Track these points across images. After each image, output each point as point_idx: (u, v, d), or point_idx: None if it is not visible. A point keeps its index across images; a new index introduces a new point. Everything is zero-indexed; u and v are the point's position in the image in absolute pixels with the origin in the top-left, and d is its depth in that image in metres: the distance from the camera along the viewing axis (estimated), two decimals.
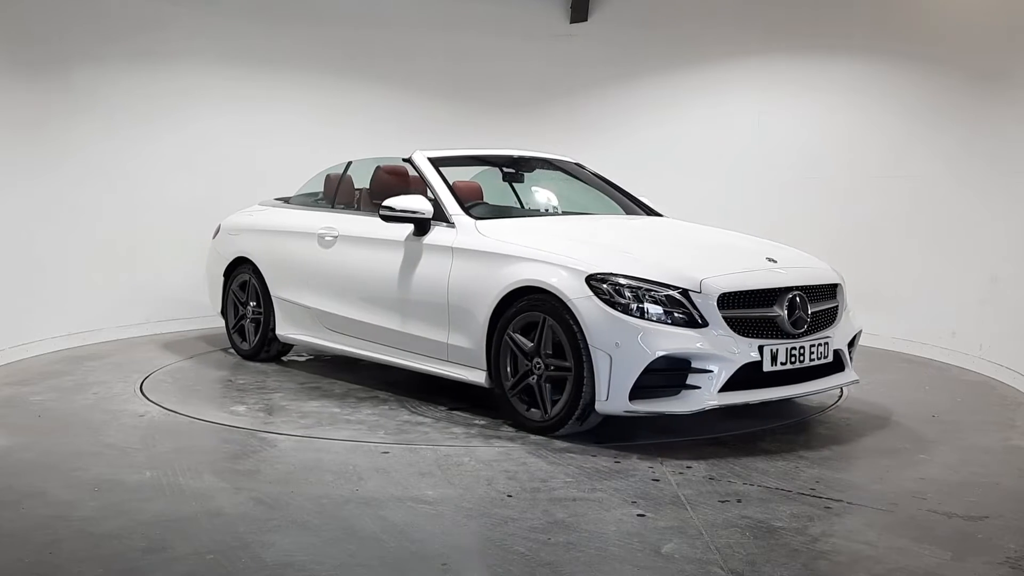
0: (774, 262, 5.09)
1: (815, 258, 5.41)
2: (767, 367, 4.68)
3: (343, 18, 8.84)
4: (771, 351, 4.69)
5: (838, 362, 5.08)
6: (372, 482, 4.18)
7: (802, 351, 4.82)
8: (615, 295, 4.63)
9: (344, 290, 6.01)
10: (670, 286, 4.65)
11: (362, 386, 6.04)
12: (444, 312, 5.32)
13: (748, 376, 4.65)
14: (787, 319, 4.78)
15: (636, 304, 4.61)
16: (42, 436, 4.98)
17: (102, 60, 7.57)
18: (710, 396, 4.57)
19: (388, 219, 5.54)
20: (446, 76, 9.24)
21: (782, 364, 4.74)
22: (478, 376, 5.19)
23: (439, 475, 4.28)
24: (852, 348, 5.27)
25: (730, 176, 8.45)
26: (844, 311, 5.22)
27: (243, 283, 6.87)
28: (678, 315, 4.61)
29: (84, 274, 7.47)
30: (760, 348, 4.66)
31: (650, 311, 4.60)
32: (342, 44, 8.81)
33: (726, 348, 4.58)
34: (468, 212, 5.51)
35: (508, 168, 6.48)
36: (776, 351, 4.71)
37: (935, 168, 7.24)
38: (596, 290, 4.65)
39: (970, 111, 6.96)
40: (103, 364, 6.74)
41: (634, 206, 6.44)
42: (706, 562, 3.32)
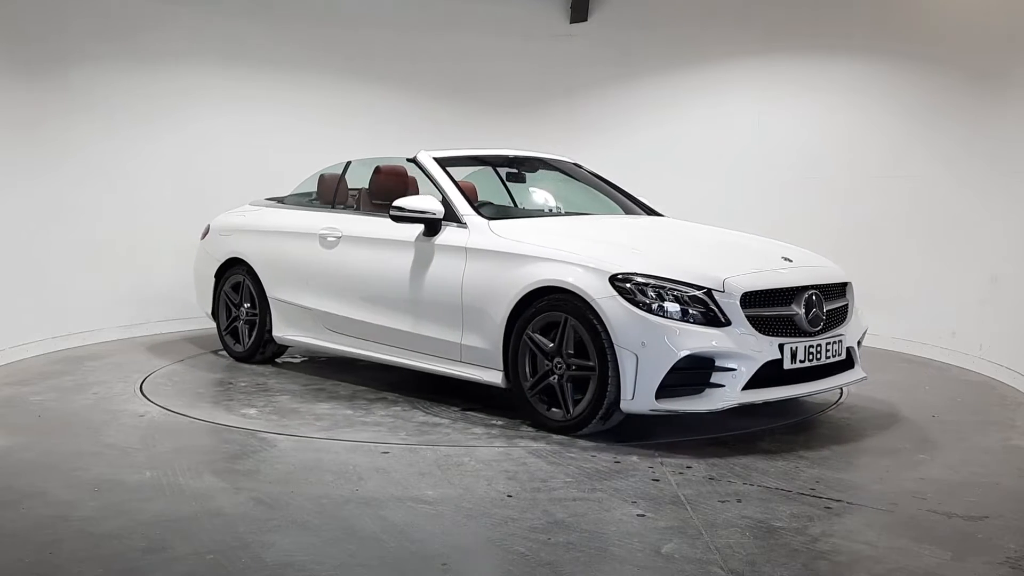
0: (790, 261, 5.16)
1: (823, 257, 5.46)
2: (787, 365, 4.74)
3: (343, 18, 8.85)
4: (791, 349, 4.75)
5: (848, 359, 5.15)
6: (372, 482, 4.18)
7: (819, 349, 4.89)
8: (639, 295, 4.65)
9: (349, 291, 5.97)
10: (694, 285, 4.68)
11: (367, 387, 6.02)
12: (458, 313, 5.30)
13: (767, 374, 4.70)
14: (805, 317, 4.84)
15: (660, 304, 4.63)
16: (42, 436, 4.98)
17: (102, 60, 7.57)
18: (734, 394, 4.61)
19: (399, 219, 5.51)
20: (446, 76, 9.24)
21: (801, 362, 4.81)
22: (494, 376, 5.18)
23: (439, 475, 4.28)
24: (859, 345, 5.33)
25: (730, 176, 8.46)
26: (853, 309, 5.28)
27: (236, 284, 6.79)
28: (702, 314, 4.64)
29: (84, 274, 7.47)
30: (780, 346, 4.72)
31: (674, 310, 4.62)
32: (342, 44, 8.82)
33: (749, 347, 4.63)
34: (479, 212, 5.51)
35: (511, 168, 6.48)
36: (795, 349, 4.77)
37: (935, 168, 7.25)
38: (620, 290, 4.67)
39: (970, 111, 6.96)
40: (103, 364, 6.74)
41: (633, 206, 6.45)
42: (706, 562, 3.32)
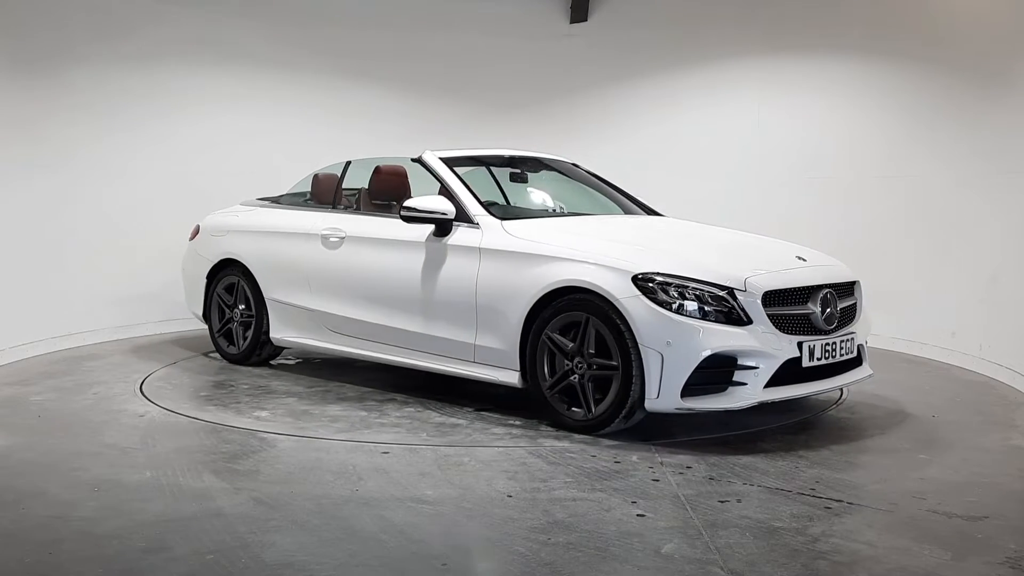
0: (804, 260, 5.21)
1: (831, 257, 5.50)
2: (806, 363, 4.79)
3: (343, 19, 8.85)
4: (809, 347, 4.80)
5: (857, 357, 5.21)
6: (372, 482, 4.17)
7: (834, 347, 4.95)
8: (662, 294, 4.67)
9: (353, 292, 5.92)
10: (716, 285, 4.71)
11: (371, 389, 5.98)
12: (471, 313, 5.28)
13: (783, 372, 4.74)
14: (821, 316, 4.90)
15: (683, 303, 4.66)
16: (42, 436, 4.98)
17: (101, 60, 7.57)
18: (756, 392, 4.65)
19: (410, 220, 5.48)
20: (446, 76, 9.24)
21: (818, 360, 4.87)
22: (510, 376, 5.18)
23: (439, 475, 4.28)
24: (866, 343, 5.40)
25: (730, 176, 8.46)
26: (861, 307, 5.34)
27: (230, 285, 6.71)
28: (724, 313, 4.67)
29: (84, 274, 7.47)
30: (799, 344, 4.76)
31: (697, 310, 4.65)
32: (342, 45, 8.82)
33: (770, 345, 4.68)
34: (491, 212, 5.50)
35: (513, 169, 6.47)
36: (813, 347, 4.83)
37: (935, 168, 7.25)
38: (643, 289, 4.69)
39: (970, 111, 6.96)
40: (103, 364, 6.74)
41: (633, 205, 6.45)
42: (706, 562, 3.32)
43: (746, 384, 4.64)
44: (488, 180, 6.51)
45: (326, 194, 6.51)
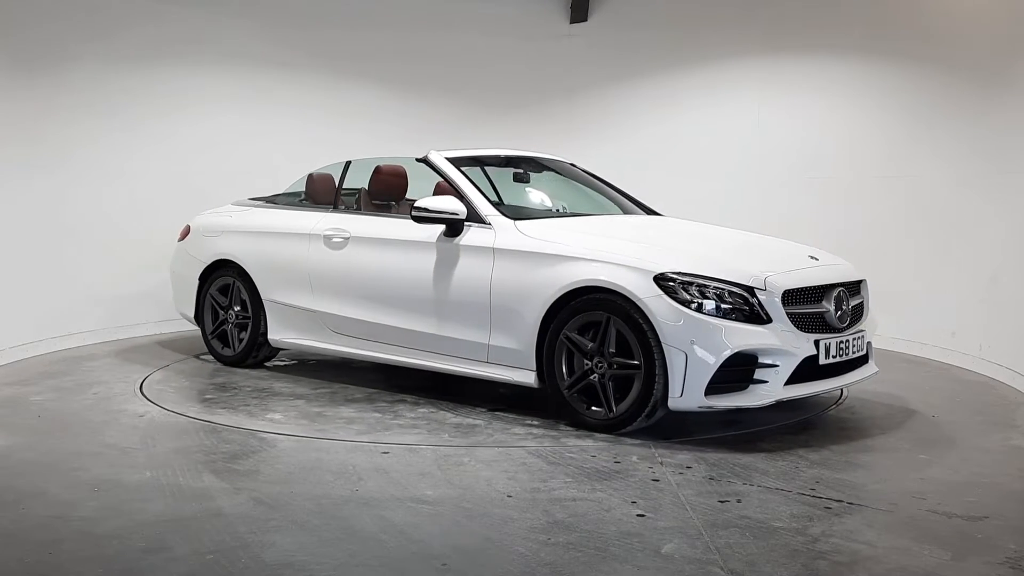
0: (816, 260, 5.26)
1: (837, 256, 5.54)
2: (822, 360, 4.85)
3: (343, 19, 8.85)
4: (825, 345, 4.86)
5: (863, 355, 5.27)
6: (372, 482, 4.17)
7: (847, 344, 5.01)
8: (683, 293, 4.70)
9: (359, 292, 5.87)
10: (737, 284, 4.75)
11: (376, 390, 5.95)
12: (485, 313, 5.27)
13: (800, 369, 4.80)
14: (834, 314, 4.96)
15: (704, 302, 4.69)
16: (42, 436, 4.98)
17: (100, 59, 7.56)
18: (777, 390, 4.71)
19: (421, 220, 5.45)
20: (446, 77, 9.24)
21: (833, 357, 4.93)
22: (526, 377, 5.17)
23: (439, 475, 4.28)
24: None
25: (730, 176, 8.46)
26: (868, 306, 5.40)
27: (224, 287, 6.62)
28: (744, 312, 4.71)
29: (84, 274, 7.47)
30: (816, 342, 4.82)
31: (718, 309, 4.69)
32: (342, 45, 8.82)
33: (790, 343, 4.73)
34: (503, 212, 5.49)
35: (516, 169, 6.46)
36: (829, 345, 4.88)
37: (935, 168, 7.25)
38: (665, 289, 4.71)
39: (970, 110, 6.96)
40: (103, 364, 6.74)
41: (631, 205, 6.44)
42: (706, 562, 3.32)
43: (767, 382, 4.70)
44: (482, 180, 6.50)
45: (321, 194, 6.46)
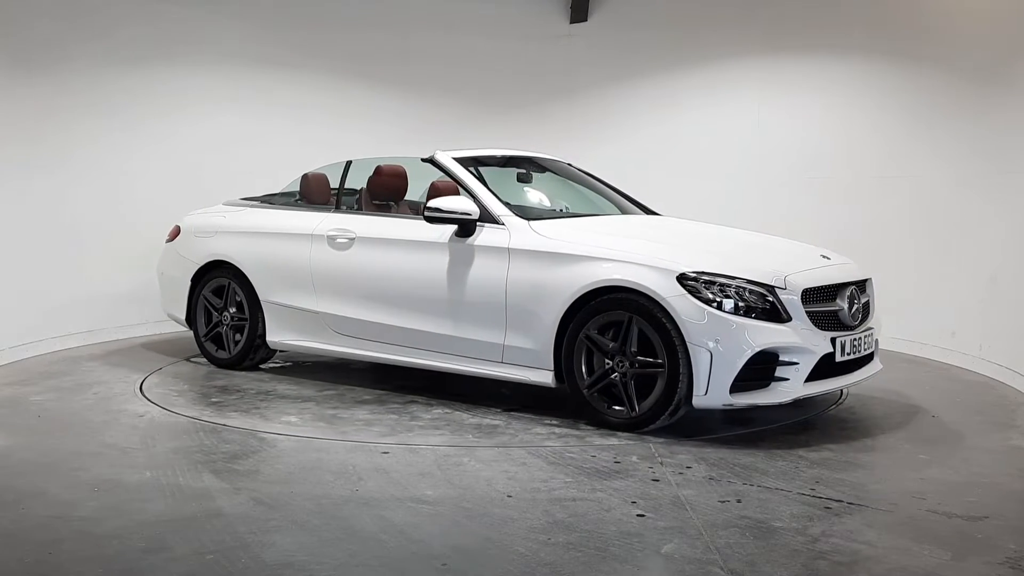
0: (828, 259, 5.31)
1: (844, 256, 5.57)
2: (838, 357, 4.90)
3: (343, 19, 8.85)
4: (840, 343, 4.91)
5: (871, 352, 5.33)
6: (372, 482, 4.17)
7: (859, 341, 5.08)
8: (706, 292, 4.73)
9: (365, 293, 5.82)
10: (759, 283, 4.79)
11: (383, 391, 5.92)
12: (500, 313, 5.25)
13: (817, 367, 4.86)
14: (848, 312, 5.01)
15: (727, 301, 4.72)
16: (42, 436, 4.98)
17: (100, 59, 7.56)
18: (797, 387, 4.77)
19: (434, 220, 5.42)
20: (446, 77, 9.24)
21: (848, 354, 4.99)
22: (543, 377, 5.17)
23: (439, 475, 4.28)
24: None
25: (730, 176, 8.46)
26: (874, 304, 5.44)
27: (219, 288, 6.52)
28: (766, 311, 4.75)
29: (83, 274, 7.46)
30: (833, 340, 4.87)
31: (740, 307, 4.73)
32: (341, 45, 8.82)
33: (809, 341, 4.79)
34: (516, 212, 5.47)
35: (519, 169, 6.45)
36: (844, 342, 4.94)
37: (935, 168, 7.25)
38: (688, 288, 4.74)
39: (970, 110, 6.96)
40: (103, 364, 6.74)
41: (630, 205, 6.44)
42: (706, 562, 3.32)
43: (788, 379, 4.75)
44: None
45: (317, 194, 6.40)
